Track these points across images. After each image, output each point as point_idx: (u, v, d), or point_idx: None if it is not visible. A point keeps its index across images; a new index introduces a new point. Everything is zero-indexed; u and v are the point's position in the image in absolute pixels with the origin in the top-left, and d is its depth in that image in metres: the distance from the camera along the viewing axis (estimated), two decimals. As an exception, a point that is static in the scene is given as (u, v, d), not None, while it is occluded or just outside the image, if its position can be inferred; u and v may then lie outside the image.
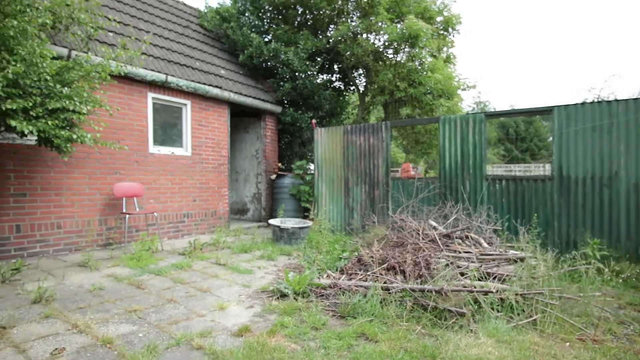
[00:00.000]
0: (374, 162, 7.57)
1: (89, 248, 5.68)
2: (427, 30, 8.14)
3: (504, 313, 3.30)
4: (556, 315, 3.28)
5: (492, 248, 4.36)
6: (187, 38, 8.32)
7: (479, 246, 4.46)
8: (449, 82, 8.63)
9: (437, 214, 6.17)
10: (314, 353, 2.65)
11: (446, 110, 8.66)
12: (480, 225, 5.27)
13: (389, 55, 8.98)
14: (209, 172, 7.59)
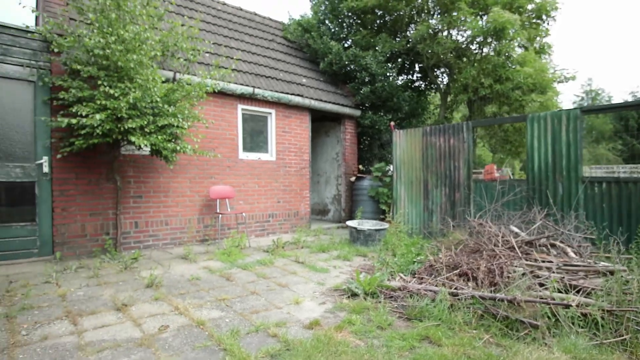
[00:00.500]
0: (454, 163, 7.34)
1: (189, 243, 6.55)
2: (514, 21, 7.62)
3: (587, 329, 3.07)
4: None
5: (579, 258, 4.01)
6: (272, 51, 8.99)
7: (564, 256, 4.13)
8: (542, 75, 7.95)
9: (521, 219, 5.79)
10: (376, 350, 2.81)
11: (538, 106, 7.98)
12: (569, 232, 4.83)
13: (473, 51, 8.58)
14: (292, 175, 8.12)
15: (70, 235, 5.43)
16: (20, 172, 5.16)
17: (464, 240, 5.21)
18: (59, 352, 2.72)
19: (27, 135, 5.22)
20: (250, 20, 9.74)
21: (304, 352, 2.72)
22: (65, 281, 4.30)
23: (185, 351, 2.78)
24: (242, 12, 9.83)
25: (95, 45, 4.54)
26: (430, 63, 8.96)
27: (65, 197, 5.40)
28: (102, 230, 5.69)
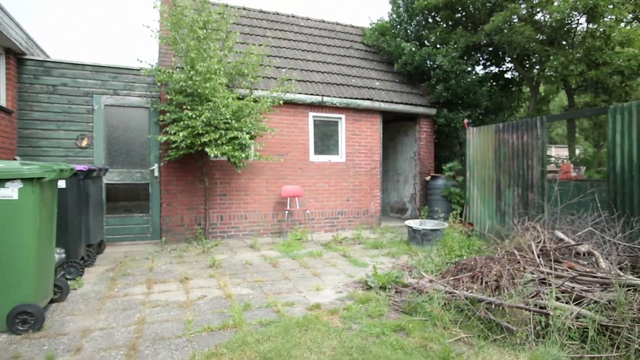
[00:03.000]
0: (527, 162, 6.81)
1: (264, 234, 7.65)
2: (611, -4, 6.65)
3: (579, 342, 2.92)
4: (653, 358, 2.67)
5: (606, 270, 3.62)
6: (347, 58, 9.56)
7: (595, 266, 3.75)
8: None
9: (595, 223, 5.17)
10: (346, 332, 3.24)
11: (646, 93, 6.75)
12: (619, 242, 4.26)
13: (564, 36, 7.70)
14: (362, 176, 8.59)
15: (172, 225, 7.02)
16: (139, 176, 6.92)
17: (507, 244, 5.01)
18: (129, 304, 3.90)
19: (144, 148, 6.95)
20: (331, 30, 10.47)
21: (287, 324, 3.33)
22: (158, 259, 5.73)
23: (206, 313, 3.67)
24: (324, 24, 10.63)
25: (179, 79, 5.88)
26: (515, 54, 8.31)
27: (169, 195, 6.99)
28: (195, 222, 7.17)
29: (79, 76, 6.62)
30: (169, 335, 3.22)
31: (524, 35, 7.44)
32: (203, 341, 3.11)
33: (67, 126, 6.54)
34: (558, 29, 7.46)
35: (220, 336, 3.18)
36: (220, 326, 3.36)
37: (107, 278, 4.77)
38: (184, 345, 3.05)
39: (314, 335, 3.15)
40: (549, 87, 7.75)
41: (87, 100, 6.64)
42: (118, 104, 6.82)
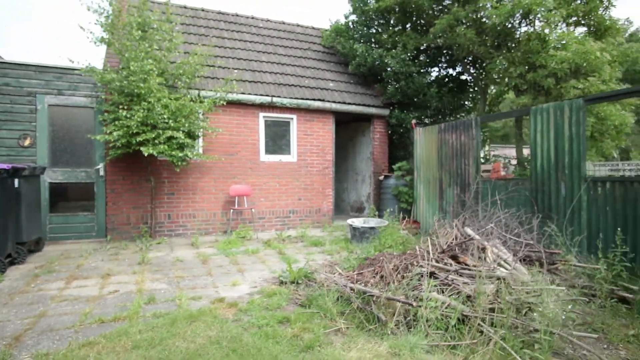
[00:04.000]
0: (465, 161, 7.00)
1: (213, 233, 7.77)
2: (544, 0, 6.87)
3: (447, 331, 3.08)
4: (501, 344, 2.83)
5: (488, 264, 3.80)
6: (304, 59, 9.71)
7: (483, 261, 3.92)
8: (587, 56, 6.90)
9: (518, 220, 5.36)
10: (232, 323, 3.37)
11: (579, 94, 6.95)
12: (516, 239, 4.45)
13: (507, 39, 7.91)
14: (314, 175, 8.73)
15: (118, 223, 7.11)
16: (84, 175, 7.00)
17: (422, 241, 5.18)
18: (39, 298, 4.00)
19: (89, 147, 7.04)
20: (290, 32, 10.62)
21: (177, 316, 3.45)
22: (92, 257, 5.82)
23: (108, 307, 3.78)
24: (284, 25, 10.78)
25: (111, 79, 5.98)
26: (462, 56, 8.51)
27: (115, 194, 7.08)
28: (142, 220, 7.26)
29: (22, 76, 6.70)
30: (59, 327, 3.34)
31: (467, 38, 7.63)
32: (89, 332, 3.22)
33: (9, 125, 6.61)
34: (500, 32, 7.67)
35: (109, 327, 3.30)
36: (113, 318, 3.48)
37: (31, 275, 4.86)
38: (68, 335, 3.16)
39: (197, 326, 3.28)
40: (498, 88, 7.94)
41: (30, 100, 6.72)
42: (63, 104, 6.90)
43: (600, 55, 6.95)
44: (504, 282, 3.32)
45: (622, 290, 4.06)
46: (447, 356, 2.81)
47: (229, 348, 2.88)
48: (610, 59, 7.25)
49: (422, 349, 2.89)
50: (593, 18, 7.73)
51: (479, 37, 7.86)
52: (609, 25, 7.85)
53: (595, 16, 7.80)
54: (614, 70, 7.52)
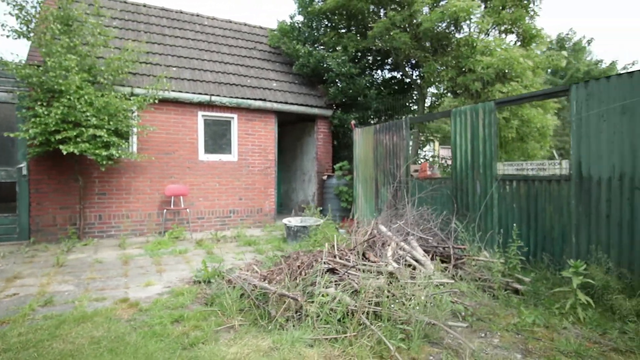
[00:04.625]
0: (397, 161, 7.20)
1: (148, 234, 7.59)
2: (471, 7, 7.16)
3: (331, 325, 3.16)
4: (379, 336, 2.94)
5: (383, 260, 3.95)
6: (248, 59, 9.67)
7: (383, 256, 4.07)
8: (510, 62, 7.26)
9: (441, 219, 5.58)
10: (123, 323, 3.32)
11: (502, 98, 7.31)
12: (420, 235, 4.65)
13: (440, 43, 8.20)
14: (255, 175, 8.72)
15: (43, 225, 6.81)
16: (4, 174, 6.67)
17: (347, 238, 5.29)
18: None
19: (10, 145, 6.71)
20: (237, 31, 10.56)
21: (66, 318, 3.36)
22: (4, 259, 5.55)
23: (1, 309, 3.63)
24: (230, 24, 10.70)
25: (26, 75, 5.74)
26: (401, 59, 8.75)
27: (40, 194, 6.78)
28: (70, 221, 6.99)
29: None
30: None
31: (401, 42, 7.85)
32: (-34, 337, 3.08)
33: None
34: (433, 37, 7.94)
35: (-11, 331, 3.17)
36: (-3, 322, 3.34)
37: None
38: (-60, 341, 3.01)
39: (85, 328, 3.21)
40: (437, 90, 8.24)
41: (-58, 94, 6.33)
42: (-20, 100, 6.55)
43: (523, 62, 7.33)
44: (392, 277, 3.45)
45: (515, 282, 4.31)
46: (327, 349, 2.89)
47: (107, 348, 2.84)
48: (533, 65, 7.66)
49: (304, 343, 2.96)
50: (520, 27, 8.14)
51: (415, 42, 8.11)
52: (534, 34, 8.30)
53: (522, 25, 8.22)
54: (536, 76, 7.95)
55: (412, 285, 3.41)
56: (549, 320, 3.55)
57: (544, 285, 4.27)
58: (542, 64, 7.98)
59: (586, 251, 4.38)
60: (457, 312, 3.65)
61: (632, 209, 4.02)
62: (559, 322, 3.53)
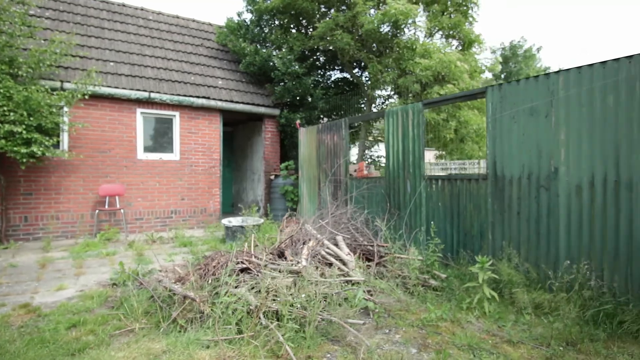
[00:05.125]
0: (337, 161, 7.25)
1: (80, 236, 7.24)
2: (410, 11, 7.32)
3: (231, 326, 3.10)
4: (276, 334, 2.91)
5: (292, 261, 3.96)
6: (194, 55, 9.45)
7: (299, 256, 4.07)
8: (448, 65, 7.49)
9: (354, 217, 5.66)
10: (13, 330, 3.13)
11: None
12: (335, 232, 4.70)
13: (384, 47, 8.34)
14: (199, 174, 8.52)
15: (-42, 227, 6.35)
16: None
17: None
18: None
19: None
20: (184, 27, 10.30)
21: (-51, 328, 3.13)
22: None
23: None
24: (177, 19, 10.42)
25: None
26: (346, 60, 8.83)
27: (-45, 193, 6.32)
28: (-10, 223, 6.55)
29: None
30: None
31: (344, 42, 7.91)
32: None
33: None
34: (375, 38, 8.05)
35: None
36: None
37: None
38: None
39: (-35, 336, 2.99)
40: (371, 93, 8.37)
41: None
42: None
43: (460, 65, 7.58)
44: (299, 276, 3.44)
45: (432, 278, 4.43)
46: (222, 350, 2.83)
47: (-19, 357, 2.66)
48: (470, 68, 7.94)
49: (200, 344, 2.89)
50: (460, 32, 8.42)
51: (359, 43, 8.19)
52: (473, 39, 8.60)
53: (461, 30, 8.50)
54: (473, 79, 8.24)
55: (318, 284, 3.42)
56: (456, 314, 3.67)
57: (460, 281, 4.41)
58: (479, 68, 8.28)
59: (500, 247, 4.57)
60: (371, 310, 3.70)
61: (538, 207, 4.22)
62: (466, 317, 3.65)
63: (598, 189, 3.77)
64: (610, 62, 3.71)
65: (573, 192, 3.95)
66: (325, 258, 4.33)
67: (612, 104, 3.68)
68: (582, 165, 3.88)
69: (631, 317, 3.33)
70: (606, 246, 3.72)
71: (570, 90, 3.97)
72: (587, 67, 3.86)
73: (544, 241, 4.18)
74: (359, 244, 5.03)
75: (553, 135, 4.10)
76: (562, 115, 4.03)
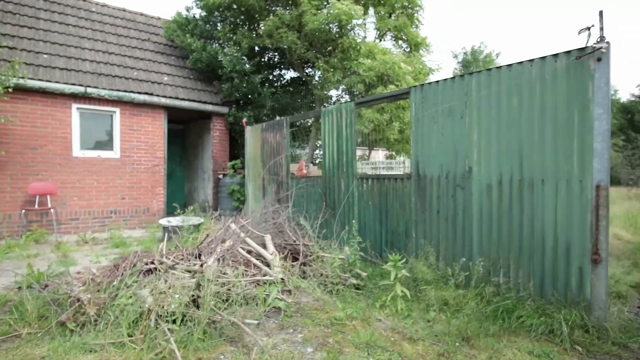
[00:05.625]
0: (279, 160, 7.20)
1: (9, 237, 6.86)
2: (354, 11, 7.35)
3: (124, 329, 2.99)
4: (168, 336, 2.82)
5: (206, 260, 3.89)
6: (139, 50, 9.16)
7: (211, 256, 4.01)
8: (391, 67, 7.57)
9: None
10: None
11: (384, 100, 7.63)
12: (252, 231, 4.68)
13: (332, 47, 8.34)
14: (141, 173, 8.26)
15: None
16: None
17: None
18: None
19: None
20: (130, 20, 9.96)
21: None
22: None
23: None
24: (124, 12, 10.07)
25: None
26: (294, 59, 8.79)
27: None
28: None
29: None
30: None
31: (290, 41, 7.87)
32: None
33: None
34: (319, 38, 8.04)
35: None
36: None
37: None
38: None
39: None
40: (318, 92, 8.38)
41: None
42: None
43: (404, 67, 7.69)
44: (201, 276, 3.37)
45: (353, 277, 4.45)
46: (106, 354, 2.72)
47: None
48: (413, 70, 8.07)
49: (84, 349, 2.77)
50: (406, 34, 8.55)
51: (305, 42, 8.17)
52: (419, 41, 8.76)
53: (408, 33, 8.64)
54: (417, 80, 8.38)
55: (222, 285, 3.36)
56: (366, 313, 3.69)
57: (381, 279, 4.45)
58: (425, 70, 8.44)
59: (423, 245, 4.65)
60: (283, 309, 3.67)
61: (454, 206, 4.32)
62: (377, 314, 3.68)
63: (505, 187, 3.89)
64: (515, 65, 3.84)
65: (484, 191, 4.06)
66: (245, 257, 4.28)
67: (516, 106, 3.81)
68: (491, 165, 4.00)
69: (527, 312, 3.45)
70: (512, 243, 3.85)
71: (482, 92, 4.09)
72: (496, 70, 3.98)
73: (459, 239, 4.29)
74: (288, 243, 5.00)
75: (467, 136, 4.20)
76: (475, 117, 4.14)
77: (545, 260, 3.63)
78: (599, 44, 3.30)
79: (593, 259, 3.34)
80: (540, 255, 3.66)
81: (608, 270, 3.43)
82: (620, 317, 3.63)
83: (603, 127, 3.30)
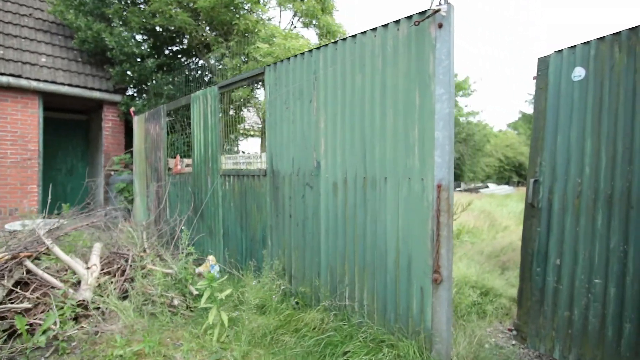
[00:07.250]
0: (158, 154, 6.26)
1: None
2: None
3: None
4: None
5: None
6: (12, 26, 7.90)
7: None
8: (293, 52, 6.77)
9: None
10: None
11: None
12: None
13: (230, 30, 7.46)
14: (8, 168, 7.09)
15: None
16: None
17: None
18: None
19: None
20: (10, -7, 8.69)
21: None
22: None
23: None
24: (3, -15, 8.78)
25: None
26: (193, 42, 7.85)
27: None
28: None
29: None
30: None
31: (180, 20, 6.93)
32: None
33: None
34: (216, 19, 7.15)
35: None
36: None
37: None
38: None
39: None
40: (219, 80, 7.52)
41: None
42: None
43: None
44: None
45: (182, 295, 3.63)
46: None
47: None
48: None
49: None
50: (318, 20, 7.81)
51: (202, 24, 7.25)
52: (334, 29, 8.04)
53: (320, 19, 7.90)
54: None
55: None
56: (161, 349, 2.87)
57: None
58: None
59: (278, 256, 3.87)
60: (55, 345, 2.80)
61: (305, 208, 3.57)
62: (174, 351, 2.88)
63: (351, 187, 3.17)
64: (359, 36, 3.10)
65: (331, 191, 3.33)
66: (36, 273, 3.36)
67: (360, 85, 3.08)
68: (337, 159, 3.27)
69: (357, 346, 2.73)
70: (357, 255, 3.13)
71: (328, 69, 3.34)
72: (342, 42, 3.24)
73: (309, 248, 3.54)
74: (121, 253, 4.11)
75: (315, 123, 3.45)
76: (321, 99, 3.39)
77: (388, 278, 2.93)
78: (440, 6, 2.61)
79: (433, 279, 2.65)
80: (383, 271, 2.96)
81: (452, 292, 2.76)
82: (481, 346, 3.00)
83: (444, 110, 2.61)
